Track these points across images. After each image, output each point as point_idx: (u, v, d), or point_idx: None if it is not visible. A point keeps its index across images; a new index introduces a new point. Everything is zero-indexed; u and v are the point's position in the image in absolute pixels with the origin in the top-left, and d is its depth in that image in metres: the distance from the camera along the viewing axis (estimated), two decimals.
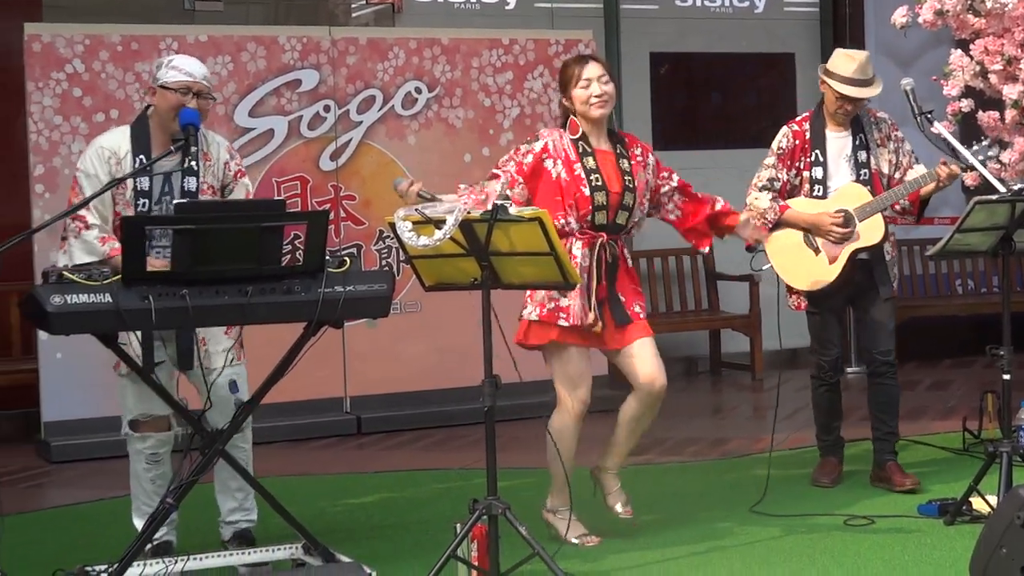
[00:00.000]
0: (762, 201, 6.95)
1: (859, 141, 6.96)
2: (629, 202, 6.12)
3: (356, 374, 9.26)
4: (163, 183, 5.74)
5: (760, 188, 7.00)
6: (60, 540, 6.60)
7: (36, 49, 8.53)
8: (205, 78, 5.81)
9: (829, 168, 6.96)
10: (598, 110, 6.13)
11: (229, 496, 5.99)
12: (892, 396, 7.12)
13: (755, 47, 11.89)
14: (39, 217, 8.38)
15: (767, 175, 7.01)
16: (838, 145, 6.97)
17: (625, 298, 6.14)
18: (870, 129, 7.00)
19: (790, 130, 7.06)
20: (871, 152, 6.96)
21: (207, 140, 5.90)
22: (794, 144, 7.01)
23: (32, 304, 4.95)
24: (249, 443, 5.98)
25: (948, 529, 6.28)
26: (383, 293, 5.43)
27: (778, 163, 7.01)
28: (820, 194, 6.94)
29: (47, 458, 8.49)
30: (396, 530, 6.57)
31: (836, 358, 7.16)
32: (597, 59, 6.27)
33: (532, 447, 8.16)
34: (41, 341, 8.50)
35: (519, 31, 9.84)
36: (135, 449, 5.86)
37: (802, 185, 7.00)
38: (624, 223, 6.14)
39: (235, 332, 5.86)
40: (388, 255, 9.33)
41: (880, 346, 7.06)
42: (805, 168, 6.99)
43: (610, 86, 6.14)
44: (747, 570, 5.76)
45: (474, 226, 5.40)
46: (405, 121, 9.40)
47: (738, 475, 7.54)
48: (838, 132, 6.99)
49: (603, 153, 6.17)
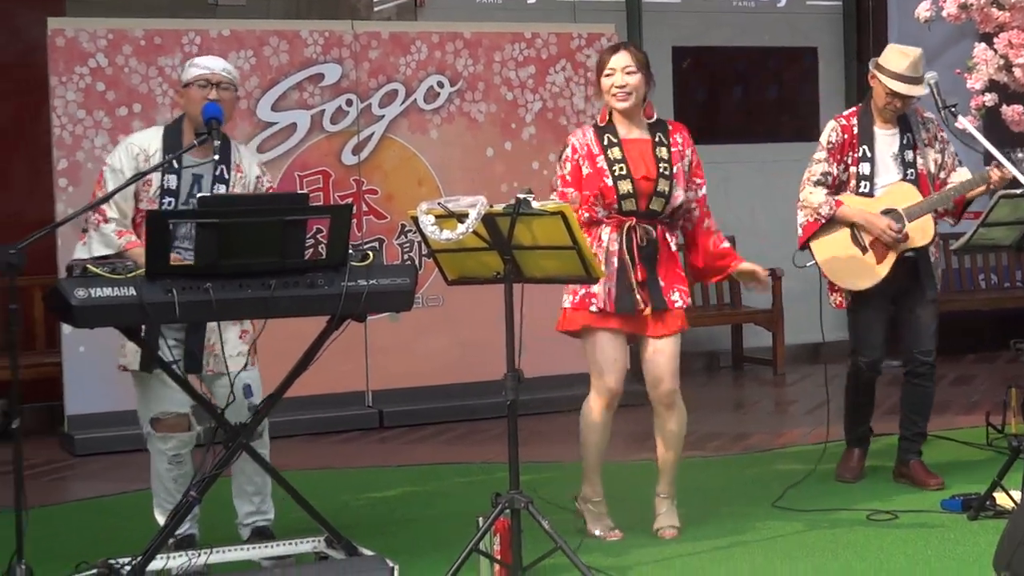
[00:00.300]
0: (817, 195, 6.86)
1: (907, 140, 6.88)
2: (664, 188, 6.07)
3: (378, 368, 9.27)
4: (192, 184, 5.73)
5: (815, 183, 6.89)
6: (84, 533, 6.62)
7: (59, 44, 8.55)
8: (224, 70, 5.79)
9: (876, 165, 6.87)
10: (619, 102, 6.12)
11: (246, 500, 5.97)
12: (927, 397, 7.07)
13: (778, 41, 11.86)
14: (62, 211, 8.41)
15: (820, 169, 6.91)
16: (886, 142, 6.90)
17: (664, 284, 6.09)
18: (918, 129, 6.93)
19: (838, 124, 6.95)
20: (918, 152, 6.90)
21: (240, 152, 5.91)
22: (843, 138, 6.91)
23: (56, 298, 4.96)
24: (266, 447, 5.95)
25: (971, 524, 6.27)
26: (406, 287, 5.42)
27: (828, 157, 6.91)
28: (867, 191, 6.86)
29: (71, 451, 8.52)
30: (418, 524, 6.58)
31: (876, 360, 7.02)
32: (631, 49, 6.20)
33: (555, 441, 8.17)
34: (64, 335, 8.53)
35: (541, 25, 9.83)
36: (157, 449, 5.84)
37: (849, 181, 6.91)
38: (660, 209, 6.09)
39: (249, 337, 5.86)
40: (410, 249, 9.33)
41: (922, 346, 6.99)
42: (853, 163, 6.90)
43: (634, 78, 6.09)
44: (769, 565, 5.76)
45: (497, 220, 5.40)
46: (427, 115, 9.40)
47: (760, 470, 7.53)
48: (886, 129, 6.91)
49: (635, 142, 6.14)
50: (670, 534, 6.19)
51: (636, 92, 6.12)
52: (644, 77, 6.14)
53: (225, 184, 5.77)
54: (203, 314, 5.16)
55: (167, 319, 5.13)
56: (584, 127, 6.27)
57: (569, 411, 6.32)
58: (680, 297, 6.11)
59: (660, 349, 6.09)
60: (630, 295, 6.03)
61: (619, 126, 6.18)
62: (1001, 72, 8.09)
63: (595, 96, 6.37)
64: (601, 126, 6.19)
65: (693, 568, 5.73)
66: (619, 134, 6.16)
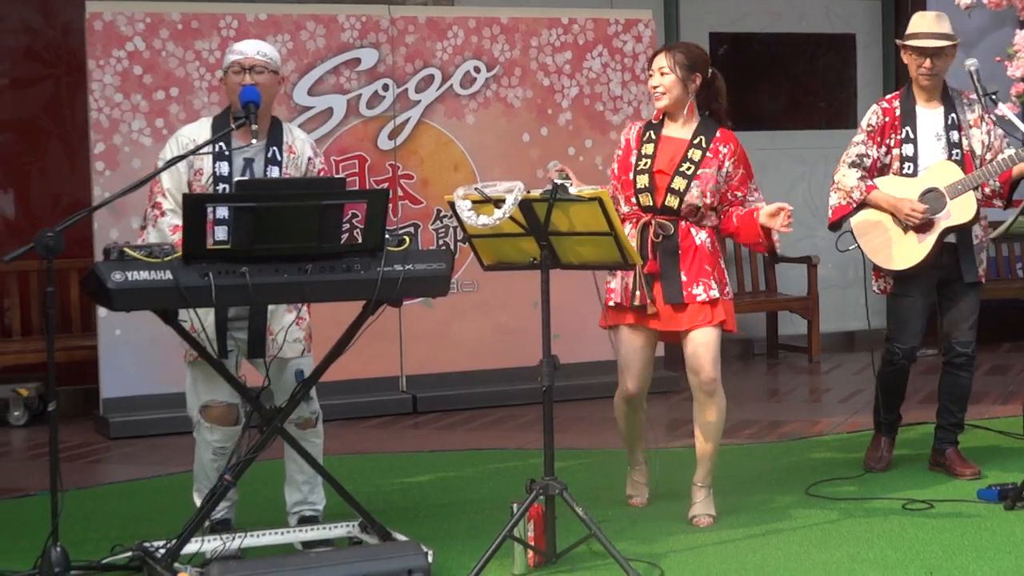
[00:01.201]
0: (849, 179, 6.84)
1: (951, 120, 6.82)
2: (679, 186, 6.05)
3: (412, 353, 9.27)
4: (244, 169, 5.70)
5: (849, 165, 6.87)
6: (118, 516, 6.64)
7: (97, 27, 8.57)
8: (259, 52, 5.73)
9: (920, 145, 6.81)
10: (656, 102, 6.18)
11: (295, 489, 5.93)
12: (964, 388, 7.02)
13: (815, 27, 11.81)
14: (99, 195, 8.43)
15: (856, 151, 6.87)
16: (930, 122, 6.84)
17: (687, 278, 6.06)
18: (962, 109, 6.85)
19: (879, 107, 6.91)
20: (964, 132, 6.83)
21: (292, 134, 5.89)
22: (884, 121, 6.85)
23: (93, 281, 4.97)
24: (320, 437, 5.95)
25: (1008, 514, 6.23)
26: (442, 272, 5.42)
27: (867, 140, 6.86)
28: (911, 172, 6.80)
29: (106, 434, 8.55)
30: (452, 509, 6.58)
31: (913, 348, 6.95)
32: (672, 51, 6.18)
33: (590, 428, 8.17)
34: (100, 318, 8.56)
35: (578, 10, 9.80)
36: (204, 440, 5.79)
37: (892, 163, 6.86)
38: (675, 207, 6.06)
39: (305, 324, 5.85)
40: (445, 234, 9.33)
41: (960, 336, 6.94)
42: (896, 145, 6.83)
43: (668, 79, 6.10)
44: (804, 553, 5.74)
45: (534, 205, 5.40)
46: (463, 100, 9.39)
47: (795, 458, 7.50)
48: (930, 109, 6.84)
49: (672, 140, 6.15)
50: (705, 522, 6.17)
51: (669, 93, 6.12)
52: (680, 79, 6.12)
53: (278, 166, 5.74)
54: (239, 298, 5.16)
55: (203, 303, 5.13)
56: (636, 123, 6.33)
57: (604, 398, 6.30)
58: (704, 291, 6.04)
59: (695, 339, 6.07)
60: (650, 289, 6.06)
61: (666, 125, 6.22)
62: None
63: None
64: (652, 123, 6.25)
65: (727, 556, 5.72)
66: (661, 132, 6.19)
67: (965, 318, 6.91)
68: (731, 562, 5.63)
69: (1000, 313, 11.58)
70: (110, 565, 5.56)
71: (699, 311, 6.05)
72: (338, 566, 5.01)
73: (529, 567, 5.51)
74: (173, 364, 8.08)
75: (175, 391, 8.31)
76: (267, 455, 5.70)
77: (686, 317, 6.06)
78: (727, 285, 6.18)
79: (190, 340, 5.37)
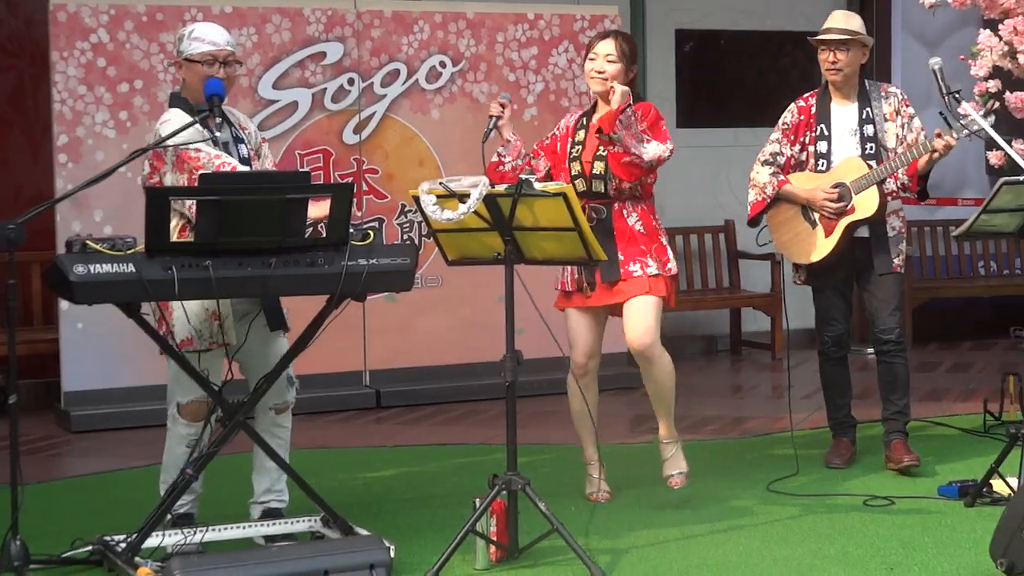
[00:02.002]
0: (762, 175, 7.02)
1: (865, 115, 6.95)
2: (599, 170, 6.22)
3: (376, 348, 9.26)
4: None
5: (763, 162, 7.06)
6: (79, 509, 6.61)
7: (61, 19, 8.52)
8: (229, 43, 5.73)
9: (834, 142, 6.97)
10: (595, 85, 6.27)
11: (266, 476, 5.90)
12: (897, 374, 7.07)
13: (780, 25, 11.83)
14: (62, 187, 8.39)
15: (770, 149, 7.07)
16: (844, 119, 6.98)
17: (624, 257, 6.20)
18: (878, 103, 6.97)
19: (796, 106, 7.09)
20: (877, 126, 6.93)
21: (235, 114, 5.87)
22: (799, 119, 7.03)
23: (55, 273, 4.95)
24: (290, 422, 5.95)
25: (968, 511, 6.27)
26: (406, 267, 5.42)
27: (782, 138, 7.05)
28: (824, 168, 6.96)
29: (67, 427, 8.51)
30: (415, 504, 6.58)
31: (840, 334, 7.12)
32: (618, 39, 6.30)
33: (553, 423, 8.17)
34: (62, 311, 8.52)
35: (544, 6, 9.80)
36: (179, 434, 5.74)
37: (807, 160, 7.03)
38: (603, 190, 6.23)
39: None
40: (410, 229, 9.32)
41: (880, 324, 7.02)
42: (810, 143, 7.01)
43: (613, 67, 6.22)
44: (766, 549, 5.76)
45: (498, 200, 5.40)
46: (429, 95, 9.38)
47: (757, 455, 7.53)
48: (844, 105, 7.00)
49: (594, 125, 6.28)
50: (677, 483, 6.33)
51: (612, 80, 6.20)
52: (624, 68, 6.24)
53: (244, 143, 5.75)
54: (202, 292, 5.14)
55: (166, 296, 5.12)
56: (575, 111, 6.47)
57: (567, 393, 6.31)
58: (641, 268, 6.20)
59: (629, 307, 6.21)
60: (591, 272, 6.20)
61: (597, 110, 6.32)
62: (1005, 59, 8.07)
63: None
64: (587, 110, 6.41)
65: (689, 551, 5.73)
66: (593, 118, 6.31)
67: (884, 306, 7.00)
68: (693, 558, 5.65)
69: (961, 311, 11.64)
70: (70, 559, 5.55)
71: (635, 284, 6.19)
72: (300, 560, 5.00)
73: (491, 562, 5.52)
74: (135, 358, 8.11)
75: (137, 385, 8.36)
76: (231, 449, 5.69)
77: (623, 290, 6.21)
78: (669, 262, 6.31)
79: (153, 334, 5.36)
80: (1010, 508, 5.07)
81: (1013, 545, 4.97)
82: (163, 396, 5.82)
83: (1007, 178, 6.09)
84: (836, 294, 7.10)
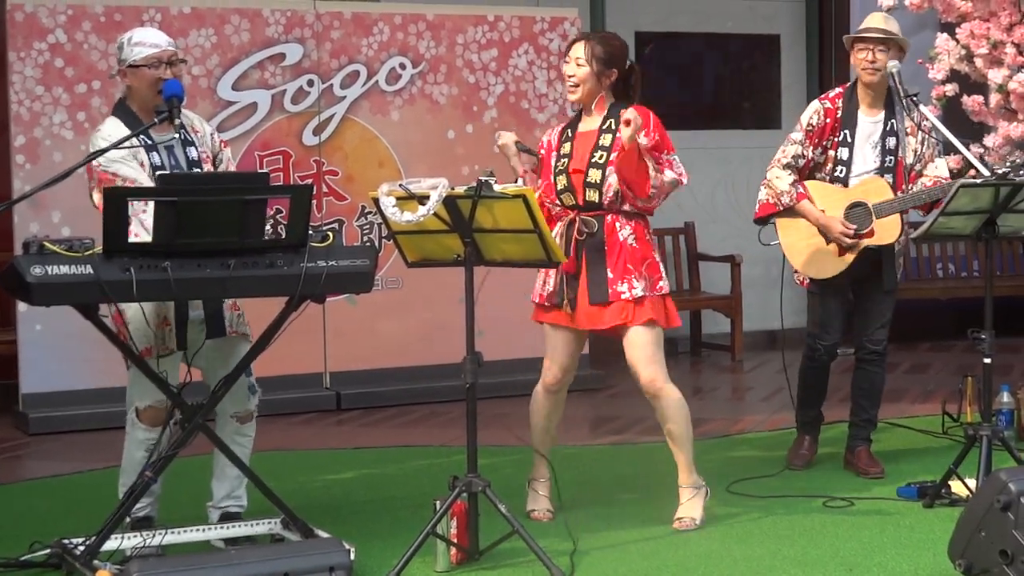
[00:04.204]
0: (782, 182, 6.81)
1: (890, 127, 6.83)
2: (594, 179, 5.93)
3: (336, 350, 9.24)
4: (167, 156, 5.65)
5: (784, 165, 6.84)
6: (37, 512, 6.57)
7: (18, 19, 8.47)
8: (171, 44, 5.67)
9: (855, 150, 6.82)
10: (570, 94, 6.08)
11: (226, 482, 5.88)
12: (876, 384, 7.09)
13: (741, 28, 11.87)
14: (20, 188, 8.34)
15: (792, 151, 6.84)
16: (868, 129, 6.83)
17: (613, 275, 5.95)
18: (901, 116, 6.84)
19: (822, 107, 6.87)
20: (900, 140, 6.84)
21: (189, 116, 5.84)
22: (824, 122, 6.83)
23: (12, 275, 4.92)
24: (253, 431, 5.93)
25: (927, 512, 6.30)
26: (366, 268, 5.40)
27: (805, 140, 6.83)
28: (842, 175, 6.82)
29: (25, 430, 8.46)
30: (375, 506, 6.57)
31: (834, 344, 7.04)
32: (590, 41, 6.02)
33: (514, 425, 8.16)
34: (20, 312, 8.47)
35: (504, 8, 9.79)
36: (137, 439, 5.71)
37: (826, 163, 6.88)
38: (597, 200, 5.95)
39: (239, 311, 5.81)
40: (370, 231, 9.31)
41: (873, 335, 7.01)
42: (832, 148, 6.84)
43: (582, 70, 5.96)
44: (725, 550, 5.77)
45: (458, 202, 5.39)
46: (389, 97, 9.37)
47: (717, 456, 7.53)
48: (871, 115, 6.85)
49: (584, 134, 6.05)
50: (683, 525, 6.08)
51: (583, 85, 5.99)
52: (594, 72, 5.97)
53: (193, 146, 5.70)
54: (161, 293, 5.11)
55: (124, 298, 5.09)
56: (559, 124, 6.18)
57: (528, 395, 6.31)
58: (628, 289, 5.93)
59: (629, 342, 6.00)
60: (572, 288, 6.00)
61: (582, 120, 6.12)
62: (963, 62, 8.14)
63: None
64: (572, 122, 6.15)
65: (648, 553, 5.74)
66: (577, 128, 6.11)
67: (879, 318, 7.01)
68: (653, 559, 5.66)
69: (920, 313, 11.69)
70: (28, 562, 5.52)
71: (620, 309, 5.95)
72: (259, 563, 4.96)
73: (452, 564, 5.51)
74: (94, 360, 8.07)
75: (96, 387, 8.31)
76: (190, 451, 5.66)
77: (608, 315, 5.97)
78: (660, 280, 6.04)
79: (111, 336, 5.32)
80: (968, 509, 5.09)
81: (972, 545, 4.99)
82: (122, 398, 5.79)
83: (964, 180, 6.12)
84: (839, 303, 7.00)
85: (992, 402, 6.65)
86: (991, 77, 7.98)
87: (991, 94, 8.06)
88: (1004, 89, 7.96)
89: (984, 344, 6.29)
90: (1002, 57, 7.96)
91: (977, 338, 6.30)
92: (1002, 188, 6.10)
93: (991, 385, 6.47)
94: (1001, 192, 6.11)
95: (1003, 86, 7.94)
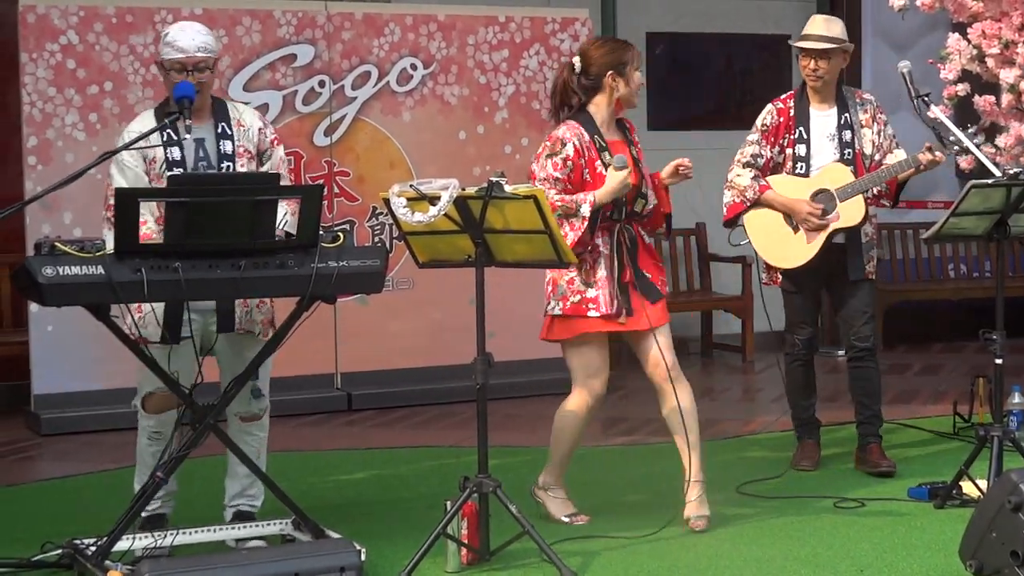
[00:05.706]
0: (743, 178, 6.97)
1: (844, 120, 6.96)
2: (646, 190, 6.10)
3: (347, 350, 9.25)
4: (196, 150, 5.67)
5: (743, 164, 7.02)
6: (49, 513, 6.59)
7: (31, 20, 8.49)
8: (200, 49, 5.64)
9: (812, 146, 6.96)
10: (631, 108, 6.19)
11: (237, 481, 5.92)
12: (871, 379, 7.11)
13: (750, 28, 11.86)
14: (31, 189, 8.35)
15: (751, 151, 7.02)
16: (822, 123, 6.97)
17: (650, 274, 6.11)
18: (855, 109, 6.98)
19: (774, 107, 7.05)
20: (855, 132, 6.95)
21: (237, 110, 5.85)
22: (778, 121, 7.01)
23: (24, 276, 4.93)
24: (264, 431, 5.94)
25: (938, 513, 6.29)
26: (376, 269, 5.41)
27: (762, 139, 7.01)
28: (803, 171, 6.96)
29: (37, 430, 8.48)
30: (386, 507, 6.57)
31: (809, 338, 7.14)
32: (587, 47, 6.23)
33: (525, 425, 8.18)
34: (32, 313, 8.48)
35: (515, 8, 9.80)
36: (140, 426, 5.80)
37: (785, 162, 7.01)
38: (640, 210, 6.09)
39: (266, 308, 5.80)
40: (381, 231, 9.31)
41: (859, 331, 7.05)
42: (789, 145, 6.99)
43: None
44: (736, 551, 5.77)
45: (469, 203, 5.39)
46: (400, 98, 9.37)
47: (728, 457, 7.53)
48: (822, 110, 6.99)
49: (615, 144, 6.09)
50: (700, 525, 6.05)
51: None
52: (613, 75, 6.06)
53: (230, 139, 5.71)
54: (172, 294, 5.12)
55: (136, 298, 5.10)
56: (572, 125, 6.03)
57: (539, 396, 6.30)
58: (663, 283, 6.17)
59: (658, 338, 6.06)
60: (626, 296, 6.01)
61: (605, 125, 6.11)
62: (974, 62, 8.11)
63: None
64: (594, 131, 6.06)
65: (660, 554, 5.74)
66: (605, 138, 6.07)
67: (859, 314, 7.04)
68: (664, 559, 5.65)
69: (931, 314, 11.69)
70: (40, 563, 5.52)
71: (662, 308, 6.10)
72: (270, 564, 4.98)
73: (463, 565, 5.52)
74: (105, 361, 8.07)
75: (107, 388, 8.32)
76: (203, 451, 5.67)
77: (654, 315, 6.04)
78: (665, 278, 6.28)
79: (122, 336, 5.33)
80: (979, 510, 5.09)
81: (983, 546, 4.99)
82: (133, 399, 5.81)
83: (976, 181, 6.11)
84: (809, 297, 7.12)
85: (1003, 403, 6.65)
86: (1003, 77, 7.96)
87: (1003, 94, 8.05)
88: (1016, 89, 7.93)
89: (996, 345, 6.30)
90: (1014, 57, 7.94)
91: (989, 339, 6.31)
92: (1014, 188, 6.10)
93: (1002, 386, 6.48)
94: (1012, 192, 6.11)
95: (1015, 86, 7.92)
